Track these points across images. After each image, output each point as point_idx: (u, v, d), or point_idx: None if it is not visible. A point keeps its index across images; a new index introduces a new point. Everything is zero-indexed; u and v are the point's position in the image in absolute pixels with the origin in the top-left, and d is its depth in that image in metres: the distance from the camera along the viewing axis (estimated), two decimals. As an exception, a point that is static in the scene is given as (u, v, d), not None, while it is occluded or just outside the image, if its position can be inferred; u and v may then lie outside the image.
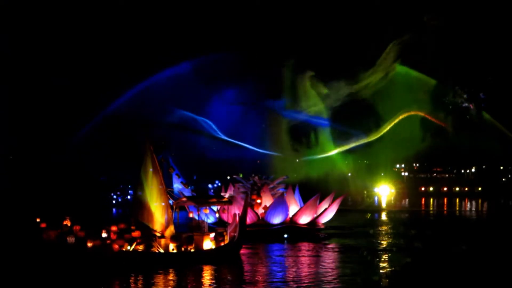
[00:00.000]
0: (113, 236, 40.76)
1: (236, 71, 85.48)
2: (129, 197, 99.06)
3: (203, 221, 44.34)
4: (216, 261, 42.02)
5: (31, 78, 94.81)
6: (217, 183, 66.78)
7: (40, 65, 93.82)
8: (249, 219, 51.38)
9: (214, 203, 47.54)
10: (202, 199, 46.43)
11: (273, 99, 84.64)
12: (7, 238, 53.46)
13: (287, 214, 57.84)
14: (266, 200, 58.41)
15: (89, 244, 39.82)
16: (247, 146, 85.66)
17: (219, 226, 50.82)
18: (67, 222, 41.13)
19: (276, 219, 57.09)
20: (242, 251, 45.42)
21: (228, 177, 71.83)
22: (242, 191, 59.65)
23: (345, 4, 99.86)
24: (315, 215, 58.96)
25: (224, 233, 44.10)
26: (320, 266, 42.03)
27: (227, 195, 57.04)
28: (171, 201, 44.42)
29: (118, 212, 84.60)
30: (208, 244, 43.13)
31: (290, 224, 57.99)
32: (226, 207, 51.91)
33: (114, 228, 41.31)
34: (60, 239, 40.04)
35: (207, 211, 45.24)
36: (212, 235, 43.86)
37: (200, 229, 43.61)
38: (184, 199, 46.49)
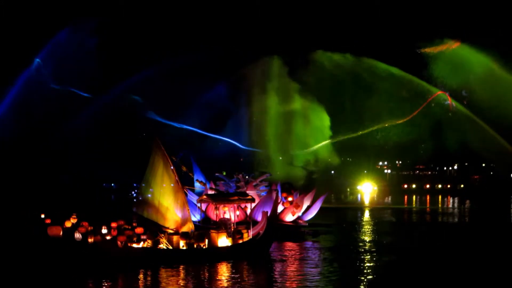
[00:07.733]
0: (113, 232, 40.67)
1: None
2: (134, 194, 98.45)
3: (229, 218, 44.40)
4: (234, 258, 41.64)
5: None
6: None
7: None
8: (238, 218, 51.52)
9: (235, 201, 47.08)
10: (222, 197, 46.32)
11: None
12: (10, 234, 52.87)
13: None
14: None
15: (90, 240, 39.49)
16: (231, 141, 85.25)
17: (209, 224, 50.86)
18: (73, 219, 40.85)
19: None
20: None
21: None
22: (225, 189, 59.63)
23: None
24: (299, 213, 59.08)
25: (243, 231, 43.86)
26: (307, 264, 42.15)
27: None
28: (189, 198, 44.00)
29: (116, 209, 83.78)
30: (223, 241, 42.86)
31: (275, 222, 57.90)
32: (248, 204, 51.25)
33: (114, 224, 41.24)
34: (66, 236, 39.66)
35: (226, 208, 45.25)
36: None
37: (225, 226, 43.56)
38: (205, 196, 46.29)
